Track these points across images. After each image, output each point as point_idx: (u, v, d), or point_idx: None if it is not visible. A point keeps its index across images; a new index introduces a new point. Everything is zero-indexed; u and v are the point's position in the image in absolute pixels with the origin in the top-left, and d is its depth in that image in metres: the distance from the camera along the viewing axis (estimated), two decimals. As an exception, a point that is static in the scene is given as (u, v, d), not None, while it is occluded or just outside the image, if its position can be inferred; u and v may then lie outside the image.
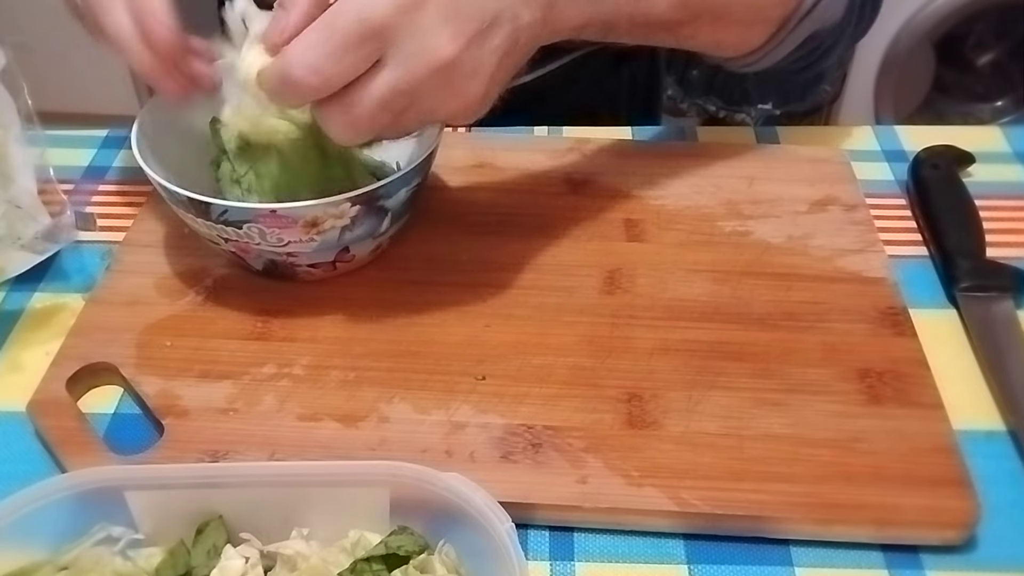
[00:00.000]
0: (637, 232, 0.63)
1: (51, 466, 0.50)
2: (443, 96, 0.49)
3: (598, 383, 0.53)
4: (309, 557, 0.42)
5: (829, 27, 0.65)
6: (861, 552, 0.47)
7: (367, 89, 0.47)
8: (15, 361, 0.57)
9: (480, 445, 0.50)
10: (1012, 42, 1.81)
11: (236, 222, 0.54)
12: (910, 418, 0.51)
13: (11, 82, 0.58)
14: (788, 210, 0.65)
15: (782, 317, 0.57)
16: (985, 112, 1.87)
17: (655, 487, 0.48)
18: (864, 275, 0.60)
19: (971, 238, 0.62)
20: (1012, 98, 1.86)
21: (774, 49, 0.65)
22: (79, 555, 0.42)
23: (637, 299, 0.58)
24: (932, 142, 0.70)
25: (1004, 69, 1.85)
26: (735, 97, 0.87)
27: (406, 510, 0.43)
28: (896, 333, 0.56)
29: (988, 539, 0.47)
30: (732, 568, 0.46)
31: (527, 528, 0.48)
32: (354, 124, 0.49)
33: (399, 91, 0.47)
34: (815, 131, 0.76)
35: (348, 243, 0.56)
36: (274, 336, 0.56)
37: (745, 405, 0.52)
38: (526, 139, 0.72)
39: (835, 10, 0.64)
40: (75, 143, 0.73)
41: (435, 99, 0.49)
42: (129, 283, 0.60)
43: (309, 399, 0.53)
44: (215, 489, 0.43)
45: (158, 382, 0.54)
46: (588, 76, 0.81)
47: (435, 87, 0.48)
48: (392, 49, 0.47)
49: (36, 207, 0.57)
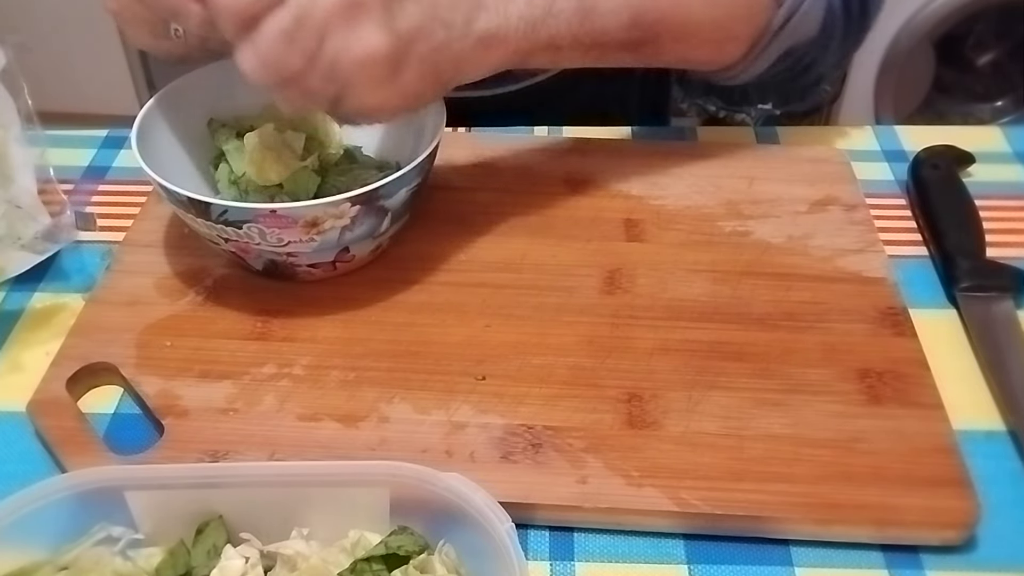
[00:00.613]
0: (637, 232, 0.63)
1: (51, 466, 0.50)
2: (347, 35, 0.49)
3: (598, 383, 0.53)
4: (309, 557, 0.42)
5: (806, 42, 0.65)
6: (861, 552, 0.47)
7: (270, 20, 0.48)
8: (15, 361, 0.57)
9: (480, 445, 0.50)
10: (1012, 42, 1.81)
11: (236, 222, 0.54)
12: (910, 418, 0.51)
13: (11, 82, 0.58)
14: (788, 210, 0.65)
15: (782, 317, 0.57)
16: (985, 112, 1.87)
17: (655, 487, 0.48)
18: (864, 275, 0.60)
19: (971, 238, 0.62)
20: (1012, 98, 1.86)
21: (751, 64, 0.65)
22: (79, 555, 0.42)
23: (637, 299, 0.58)
24: (932, 142, 0.70)
25: (1004, 69, 1.85)
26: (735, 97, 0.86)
27: (406, 510, 0.43)
28: (896, 333, 0.56)
29: (988, 539, 0.47)
30: (732, 568, 0.46)
31: (527, 528, 0.48)
32: (262, 58, 0.49)
33: (300, 21, 0.48)
34: (815, 131, 0.76)
35: (348, 243, 0.57)
36: (274, 336, 0.56)
37: (745, 405, 0.52)
38: (526, 139, 0.72)
39: (809, 26, 0.65)
40: (75, 143, 0.73)
41: (341, 37, 0.49)
42: (129, 283, 0.60)
43: (309, 399, 0.53)
44: (215, 489, 0.43)
45: (158, 382, 0.54)
46: (597, 79, 0.81)
47: (338, 21, 0.48)
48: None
49: (36, 207, 0.57)
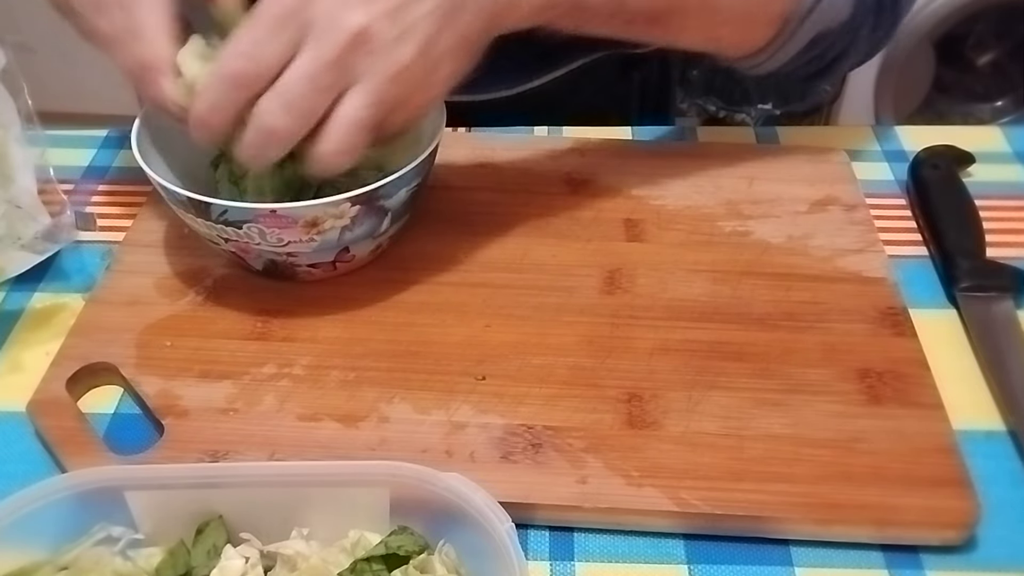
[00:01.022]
0: (637, 232, 0.63)
1: (51, 466, 0.50)
2: (373, 65, 0.49)
3: (598, 383, 0.53)
4: (309, 557, 0.42)
5: (837, 28, 0.64)
6: (861, 552, 0.47)
7: (293, 67, 0.48)
8: (15, 361, 0.57)
9: (480, 445, 0.50)
10: (1012, 42, 1.81)
11: (236, 222, 0.54)
12: (910, 418, 0.51)
13: (11, 82, 0.58)
14: (788, 210, 0.65)
15: (782, 317, 0.57)
16: (985, 112, 1.87)
17: (655, 487, 0.48)
18: (864, 275, 0.60)
19: (971, 238, 0.62)
20: (1012, 98, 1.86)
21: (780, 49, 0.64)
22: (79, 555, 0.42)
23: (637, 299, 0.58)
24: (932, 142, 0.70)
25: (1004, 69, 1.85)
26: (735, 97, 0.87)
27: (406, 510, 0.43)
28: (896, 333, 0.56)
29: (988, 539, 0.47)
30: (732, 568, 0.46)
31: (527, 528, 0.48)
32: (289, 106, 0.49)
33: (322, 62, 0.48)
34: (815, 131, 0.76)
35: (348, 243, 0.57)
36: (274, 336, 0.56)
37: (745, 405, 0.52)
38: (526, 139, 0.72)
39: (840, 10, 0.63)
40: (75, 143, 0.73)
41: (367, 68, 0.49)
42: (129, 283, 0.60)
43: (309, 399, 0.53)
44: (215, 489, 0.43)
45: (158, 382, 0.54)
46: (598, 82, 0.81)
47: (359, 56, 0.48)
48: (309, 28, 0.48)
49: (36, 207, 0.57)
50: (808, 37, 0.64)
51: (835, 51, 0.66)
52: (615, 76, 0.84)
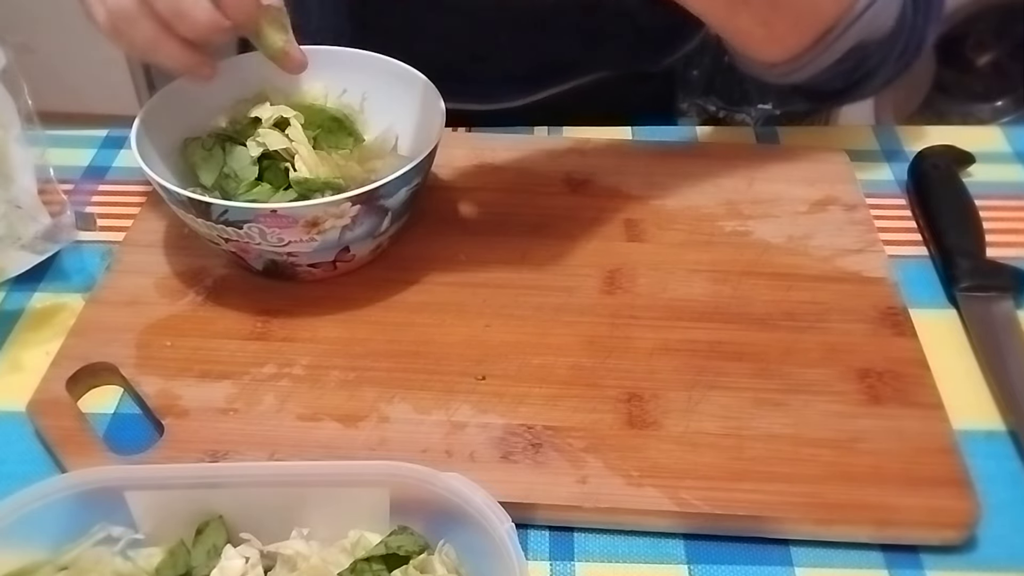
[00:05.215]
0: (637, 232, 0.63)
1: (51, 466, 0.50)
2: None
3: (598, 383, 0.53)
4: (309, 557, 0.42)
5: (877, 39, 0.64)
6: (861, 552, 0.47)
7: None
8: (15, 361, 0.57)
9: (480, 445, 0.50)
10: (1012, 42, 1.81)
11: (236, 222, 0.54)
12: (910, 418, 0.51)
13: (11, 82, 0.58)
14: (788, 210, 0.65)
15: (782, 317, 0.57)
16: (985, 112, 1.87)
17: (655, 487, 0.48)
18: (864, 275, 0.60)
19: (971, 238, 0.62)
20: (1012, 98, 1.86)
21: (819, 56, 0.63)
22: (79, 555, 0.42)
23: (637, 299, 0.58)
24: (932, 142, 0.70)
25: (1004, 69, 1.85)
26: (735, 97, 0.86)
27: (406, 510, 0.43)
28: (896, 333, 0.56)
29: (988, 539, 0.47)
30: (732, 568, 0.46)
31: (527, 528, 0.48)
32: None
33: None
34: (815, 131, 0.76)
35: (348, 243, 0.57)
36: (274, 336, 0.56)
37: (745, 405, 0.52)
38: (526, 139, 0.72)
39: (885, 20, 0.63)
40: (75, 143, 0.73)
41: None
42: (129, 283, 0.60)
43: (309, 399, 0.53)
44: (215, 489, 0.43)
45: (158, 382, 0.54)
46: (604, 96, 0.81)
47: None
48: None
49: (36, 207, 0.57)
50: (850, 43, 0.63)
51: (866, 67, 0.66)
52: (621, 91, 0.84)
